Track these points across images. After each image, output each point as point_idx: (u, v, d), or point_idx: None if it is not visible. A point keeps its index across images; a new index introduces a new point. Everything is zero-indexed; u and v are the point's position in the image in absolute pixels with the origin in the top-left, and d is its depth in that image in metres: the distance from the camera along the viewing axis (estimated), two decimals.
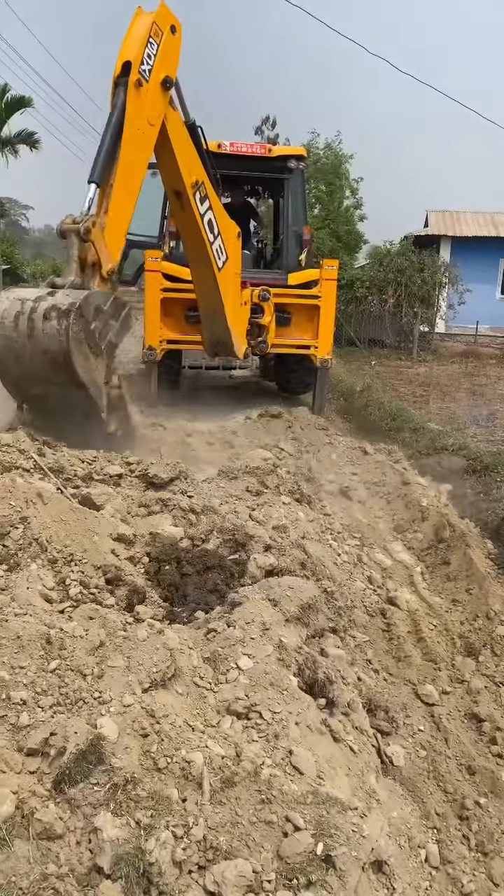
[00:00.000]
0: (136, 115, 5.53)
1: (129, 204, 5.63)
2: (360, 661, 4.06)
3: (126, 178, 5.48)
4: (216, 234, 7.11)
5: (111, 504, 4.60)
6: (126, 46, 5.66)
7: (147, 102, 5.65)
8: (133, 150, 5.52)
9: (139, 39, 5.68)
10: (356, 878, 2.23)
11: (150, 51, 5.69)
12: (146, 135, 5.70)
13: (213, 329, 7.95)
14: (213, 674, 2.98)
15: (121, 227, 5.50)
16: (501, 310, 23.38)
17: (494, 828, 3.21)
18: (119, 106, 5.46)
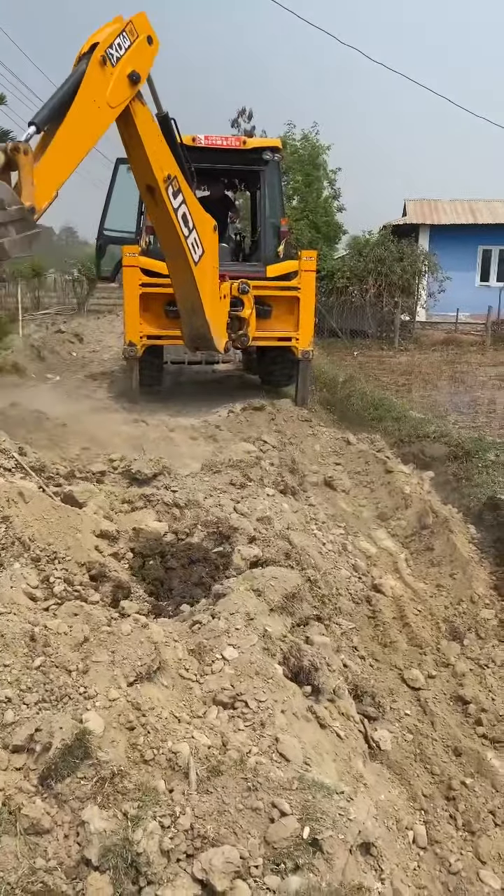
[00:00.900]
0: (94, 88, 5.49)
1: (66, 165, 5.45)
2: (345, 647, 4.09)
3: (68, 138, 5.31)
4: (191, 228, 7.08)
5: (94, 501, 4.61)
6: (97, 32, 5.69)
7: (110, 83, 5.62)
8: (82, 118, 5.41)
9: (111, 29, 5.72)
10: (343, 860, 2.26)
11: (121, 41, 5.69)
12: (102, 112, 5.65)
13: (193, 323, 7.92)
14: (199, 665, 3.01)
15: (52, 177, 5.29)
16: (481, 297, 23.46)
17: (481, 807, 3.26)
18: (79, 72, 5.42)
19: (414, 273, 22.51)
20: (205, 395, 9.75)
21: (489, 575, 5.34)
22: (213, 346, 8.30)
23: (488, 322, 21.79)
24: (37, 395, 9.04)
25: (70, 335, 16.85)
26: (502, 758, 3.60)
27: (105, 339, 16.92)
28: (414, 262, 22.56)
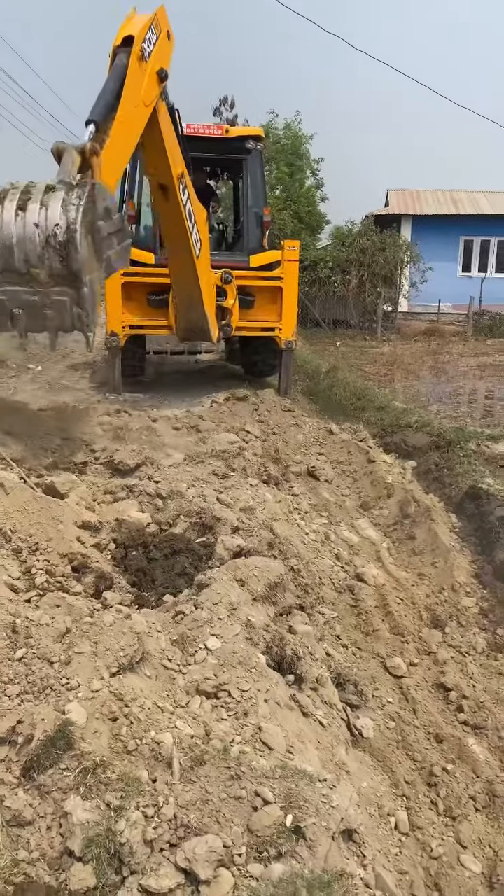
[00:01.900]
0: (135, 86, 5.38)
1: (120, 165, 5.40)
2: (328, 636, 4.11)
3: (120, 138, 5.24)
4: (193, 222, 7.06)
5: (76, 492, 4.58)
6: (128, 24, 5.50)
7: (145, 81, 5.52)
8: (128, 117, 5.32)
9: (142, 22, 5.54)
10: (326, 847, 2.27)
11: (150, 36, 5.57)
12: (139, 112, 5.54)
13: (190, 316, 7.90)
14: (182, 655, 3.01)
15: (113, 174, 5.23)
16: (463, 287, 23.53)
17: (462, 792, 3.30)
18: (121, 67, 5.23)
19: (396, 263, 22.52)
20: (188, 385, 9.70)
21: (470, 563, 5.39)
22: (208, 336, 8.29)
23: (470, 313, 21.87)
24: (18, 386, 8.95)
25: None
26: (483, 744, 3.64)
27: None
28: (396, 252, 22.56)
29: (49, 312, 4.31)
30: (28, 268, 4.22)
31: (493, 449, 7.69)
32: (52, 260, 4.20)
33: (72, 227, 4.14)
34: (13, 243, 4.15)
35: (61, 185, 4.28)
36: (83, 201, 4.19)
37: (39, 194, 4.20)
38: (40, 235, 4.15)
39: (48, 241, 4.16)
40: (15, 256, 4.17)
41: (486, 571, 5.34)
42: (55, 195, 4.19)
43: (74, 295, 4.32)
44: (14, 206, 4.15)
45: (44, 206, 4.16)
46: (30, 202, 4.17)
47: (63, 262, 4.20)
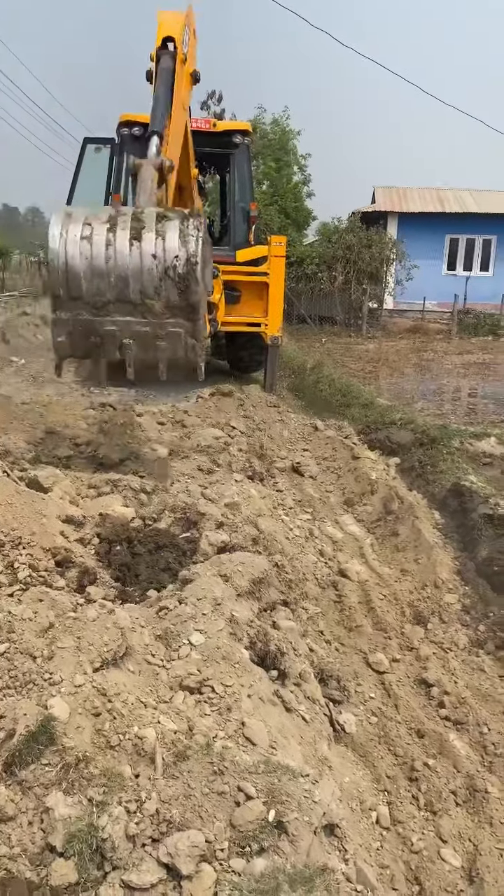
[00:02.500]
0: (179, 90, 5.31)
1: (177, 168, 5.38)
2: (312, 632, 4.13)
3: (175, 141, 5.20)
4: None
5: (59, 486, 4.55)
6: (166, 24, 5.42)
7: (185, 83, 5.48)
8: (177, 122, 5.26)
9: (179, 23, 5.48)
10: (308, 842, 2.28)
11: (186, 37, 5.53)
12: (182, 116, 5.50)
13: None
14: (166, 651, 3.00)
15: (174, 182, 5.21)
16: (448, 285, 23.66)
17: (442, 787, 3.32)
18: (169, 71, 5.20)
19: (382, 260, 22.60)
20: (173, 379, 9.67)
21: (453, 560, 5.42)
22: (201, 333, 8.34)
23: (454, 311, 21.99)
24: (1, 379, 8.88)
25: (35, 318, 16.55)
26: (464, 739, 3.67)
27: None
28: (382, 249, 22.64)
29: (162, 343, 4.23)
30: (143, 299, 4.11)
31: (476, 446, 7.75)
32: (169, 291, 4.10)
33: (192, 259, 4.06)
34: (129, 274, 4.03)
35: (174, 213, 4.18)
36: (201, 232, 4.10)
37: (152, 223, 4.08)
38: (158, 267, 4.04)
39: (166, 272, 4.05)
40: (130, 287, 4.06)
41: (468, 568, 5.37)
42: (171, 225, 4.08)
43: (190, 327, 4.25)
44: (127, 234, 4.02)
45: (160, 237, 4.04)
46: (144, 231, 4.05)
47: (181, 294, 4.10)
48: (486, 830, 3.15)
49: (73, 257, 3.92)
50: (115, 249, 3.98)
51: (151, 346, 4.21)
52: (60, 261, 3.95)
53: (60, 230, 3.97)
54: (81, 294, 4.03)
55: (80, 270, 3.94)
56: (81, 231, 3.96)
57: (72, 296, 4.02)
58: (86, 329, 4.10)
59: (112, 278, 4.00)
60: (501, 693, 4.08)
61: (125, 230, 4.01)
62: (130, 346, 4.16)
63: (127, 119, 8.87)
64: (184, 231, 4.04)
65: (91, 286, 3.99)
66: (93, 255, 3.94)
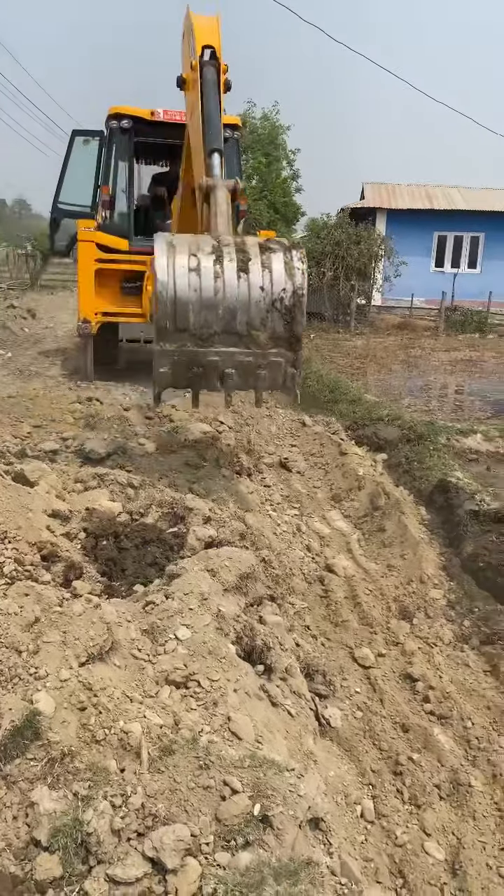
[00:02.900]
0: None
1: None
2: (298, 627, 4.14)
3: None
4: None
5: (46, 480, 4.53)
6: (205, 32, 5.39)
7: (222, 92, 5.45)
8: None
9: (216, 30, 5.44)
10: (293, 835, 2.29)
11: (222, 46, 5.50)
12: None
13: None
14: (152, 645, 3.00)
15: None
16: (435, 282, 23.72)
17: (426, 781, 3.34)
18: (214, 84, 5.18)
19: (371, 257, 22.60)
20: None
21: (438, 555, 5.45)
22: None
23: (442, 308, 22.06)
24: None
25: (22, 311, 16.47)
26: (448, 733, 3.69)
27: (58, 315, 16.58)
28: (371, 245, 22.65)
29: (262, 373, 4.23)
30: (248, 330, 4.10)
31: (463, 443, 7.79)
32: (275, 323, 4.10)
33: (298, 292, 4.09)
34: (236, 306, 4.03)
35: (276, 244, 4.18)
36: (304, 264, 4.14)
37: (257, 254, 4.06)
38: (265, 299, 4.04)
39: (273, 304, 4.06)
40: (237, 319, 4.05)
41: (453, 564, 5.40)
42: (276, 257, 4.08)
43: (291, 357, 4.26)
44: (235, 266, 4.00)
45: (267, 269, 4.05)
46: (251, 263, 4.04)
47: (286, 325, 4.13)
48: (469, 824, 3.18)
49: (183, 290, 3.88)
50: (224, 282, 3.96)
51: (252, 376, 4.22)
52: (169, 293, 3.90)
53: (167, 261, 3.90)
54: (188, 326, 3.99)
55: (188, 303, 3.90)
56: (189, 262, 3.91)
57: (178, 328, 3.98)
58: (189, 360, 4.07)
59: (220, 310, 3.98)
60: (485, 688, 4.11)
61: (232, 262, 4.00)
62: (232, 375, 4.15)
63: (116, 112, 8.82)
64: (289, 263, 4.06)
65: (199, 318, 3.97)
66: (202, 287, 3.91)
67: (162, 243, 3.97)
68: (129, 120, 8.73)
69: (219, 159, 4.79)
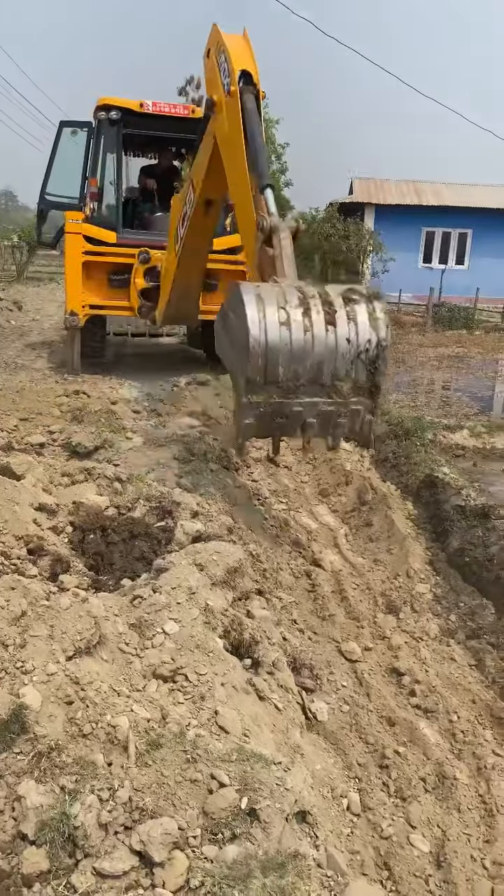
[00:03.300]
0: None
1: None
2: (285, 621, 4.14)
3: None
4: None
5: (32, 473, 4.51)
6: (239, 56, 5.29)
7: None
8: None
9: (249, 53, 5.35)
10: (280, 828, 2.30)
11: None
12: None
13: (179, 306, 8.08)
14: (139, 639, 2.99)
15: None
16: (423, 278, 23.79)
17: (412, 774, 3.36)
18: (255, 112, 5.11)
19: (359, 252, 22.64)
20: (148, 368, 9.62)
21: (425, 550, 5.48)
22: (194, 321, 8.86)
23: (429, 303, 22.13)
24: None
25: (8, 303, 16.33)
26: (434, 727, 3.71)
27: (45, 307, 16.47)
28: (359, 240, 22.68)
29: (342, 421, 4.29)
30: (333, 380, 4.15)
31: (450, 439, 7.83)
32: (359, 373, 4.17)
33: (382, 343, 4.16)
34: (324, 358, 4.07)
35: (357, 294, 4.23)
36: (387, 316, 4.21)
37: (341, 305, 4.12)
38: (351, 351, 4.10)
39: (358, 356, 4.12)
40: (324, 370, 4.09)
41: (440, 558, 5.44)
42: (360, 308, 4.15)
43: (370, 404, 4.32)
44: (322, 319, 4.04)
45: (352, 321, 4.11)
46: (337, 316, 4.09)
47: (370, 375, 4.20)
48: (454, 816, 3.20)
49: (274, 343, 3.90)
50: (313, 335, 4.00)
51: (331, 423, 4.29)
52: (261, 347, 3.92)
53: (258, 315, 3.92)
54: (277, 379, 4.03)
55: (279, 356, 3.93)
56: (279, 316, 3.94)
57: (268, 380, 4.02)
58: (274, 411, 4.12)
59: (308, 363, 4.03)
60: (471, 682, 4.14)
61: (319, 315, 4.04)
62: (313, 424, 4.21)
63: (104, 103, 8.74)
64: (372, 314, 4.14)
65: (288, 371, 4.00)
66: (292, 340, 3.94)
67: (251, 295, 3.98)
68: (117, 111, 8.65)
69: (272, 195, 4.79)
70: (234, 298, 4.11)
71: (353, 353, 4.11)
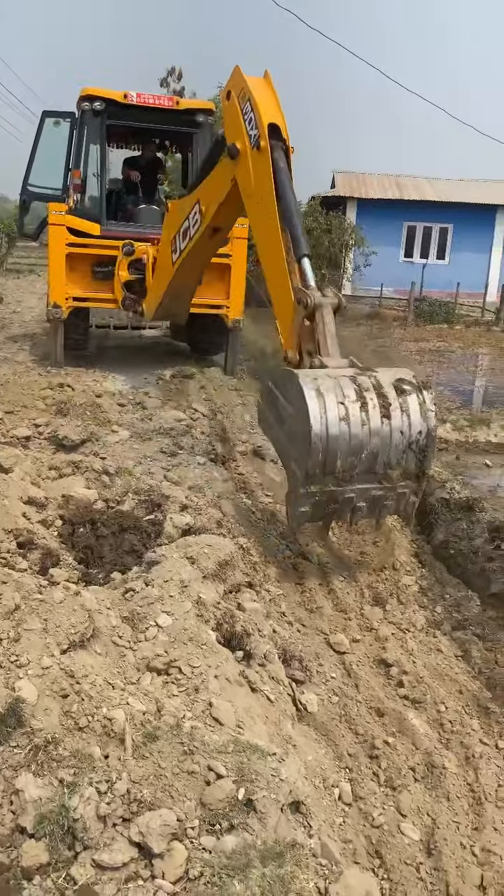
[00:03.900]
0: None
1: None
2: (274, 613, 4.16)
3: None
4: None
5: (20, 467, 4.49)
6: (267, 107, 5.20)
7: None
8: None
9: (276, 104, 5.29)
10: (276, 818, 2.32)
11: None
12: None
13: (170, 307, 8.13)
14: (132, 632, 3.00)
15: None
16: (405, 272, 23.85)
17: (402, 764, 3.40)
18: (288, 169, 5.06)
19: (341, 246, 22.65)
20: (132, 360, 9.57)
21: (410, 543, 5.53)
22: (184, 319, 8.96)
23: (411, 298, 22.20)
24: None
25: None
26: (422, 717, 3.76)
27: (26, 299, 16.30)
28: (341, 234, 22.68)
29: (388, 503, 4.44)
30: (385, 469, 4.29)
31: None
32: (409, 462, 4.32)
33: (432, 433, 4.34)
34: (379, 450, 4.20)
35: (407, 384, 4.33)
36: (434, 406, 4.34)
37: (394, 397, 4.24)
38: (403, 441, 4.25)
39: (409, 445, 4.27)
40: (378, 460, 4.22)
41: (425, 551, 5.49)
42: (411, 399, 4.28)
43: (416, 486, 4.48)
44: (378, 413, 4.16)
45: (405, 413, 4.24)
46: (391, 409, 4.21)
47: (419, 462, 4.35)
48: (443, 805, 3.25)
49: (334, 438, 4.03)
50: (370, 429, 4.14)
51: (379, 506, 4.45)
52: (323, 443, 4.04)
53: (319, 410, 4.02)
54: (335, 470, 4.15)
55: (338, 450, 4.07)
56: (339, 411, 4.06)
57: (326, 472, 4.15)
58: (328, 498, 4.25)
59: (364, 454, 4.17)
60: (457, 672, 4.19)
61: (376, 409, 4.17)
62: (362, 508, 4.37)
63: (88, 93, 8.65)
64: (423, 405, 4.30)
65: (345, 463, 4.14)
66: (351, 435, 4.08)
67: (311, 390, 4.08)
68: (101, 102, 8.57)
69: (309, 265, 4.83)
70: (292, 389, 4.20)
71: (406, 443, 4.28)
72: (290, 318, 4.74)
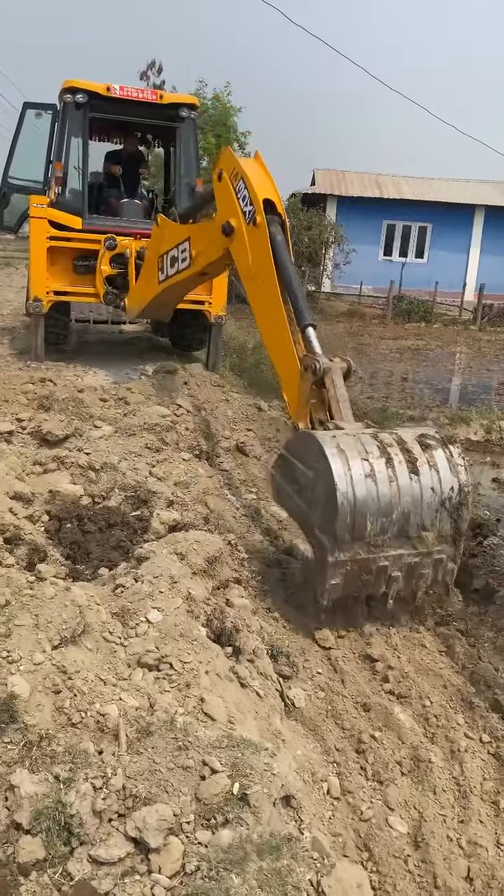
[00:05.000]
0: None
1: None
2: (261, 609, 4.17)
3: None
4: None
5: (5, 462, 4.45)
6: (260, 184, 5.17)
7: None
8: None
9: (270, 181, 5.27)
10: (269, 813, 2.34)
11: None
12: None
13: (156, 311, 8.20)
14: (123, 628, 2.99)
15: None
16: (384, 270, 24.04)
17: (388, 758, 3.43)
18: (286, 243, 4.98)
19: (321, 243, 22.73)
20: (113, 356, 9.51)
21: None
22: (168, 319, 9.04)
23: (390, 296, 22.37)
24: None
25: None
26: (407, 712, 3.79)
27: (3, 293, 16.13)
28: (321, 232, 22.76)
29: (425, 571, 4.11)
30: (419, 531, 4.00)
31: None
32: (443, 522, 4.04)
33: (465, 489, 4.04)
34: (410, 509, 3.92)
35: (432, 438, 4.10)
36: (464, 460, 4.08)
37: (420, 452, 3.99)
38: (435, 499, 3.98)
39: (442, 504, 3.99)
40: (410, 521, 3.94)
41: None
42: (438, 454, 4.02)
43: (452, 552, 4.16)
44: (406, 469, 3.90)
45: (433, 468, 3.97)
46: (419, 464, 3.94)
47: (454, 522, 4.07)
48: (430, 798, 3.28)
49: (362, 498, 3.75)
50: (398, 486, 3.87)
51: (415, 576, 4.12)
52: (350, 504, 3.74)
53: (343, 469, 3.76)
54: (365, 534, 3.86)
55: (367, 511, 3.78)
56: (363, 468, 3.80)
57: (355, 537, 3.84)
58: (360, 568, 3.93)
59: (395, 515, 3.88)
60: (441, 667, 4.23)
61: (402, 464, 3.92)
62: (398, 578, 4.04)
63: (70, 85, 8.57)
64: (451, 460, 4.05)
65: (375, 525, 3.84)
66: (379, 493, 3.80)
67: (332, 448, 3.82)
68: (83, 94, 8.49)
69: (314, 334, 4.62)
70: (310, 451, 3.94)
71: (438, 501, 4.02)
72: (297, 387, 4.53)
